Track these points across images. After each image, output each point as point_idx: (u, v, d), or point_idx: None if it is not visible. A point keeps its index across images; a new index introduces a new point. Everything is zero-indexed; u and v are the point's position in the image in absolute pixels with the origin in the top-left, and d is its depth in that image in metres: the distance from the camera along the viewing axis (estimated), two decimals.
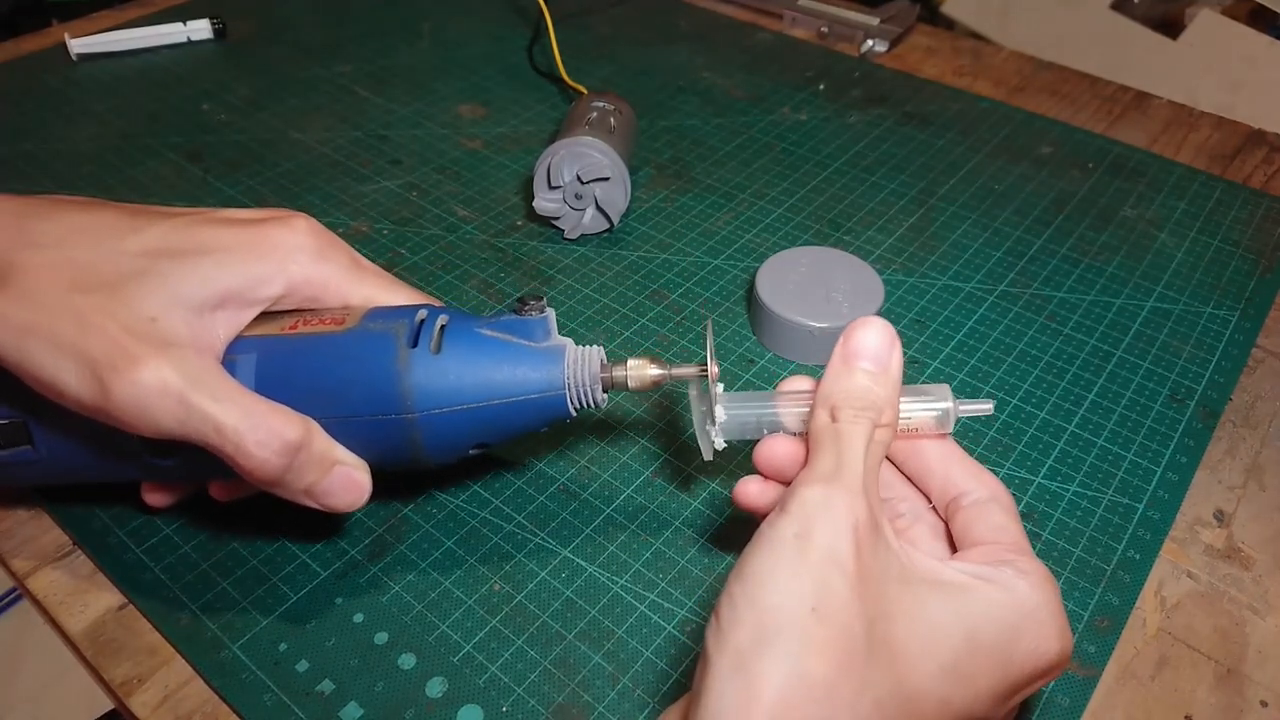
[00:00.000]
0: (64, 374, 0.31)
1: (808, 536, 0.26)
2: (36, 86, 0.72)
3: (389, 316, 0.36)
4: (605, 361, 0.37)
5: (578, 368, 0.36)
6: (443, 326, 0.36)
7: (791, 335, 0.49)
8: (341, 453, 0.35)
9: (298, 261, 0.35)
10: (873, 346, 0.30)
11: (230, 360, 0.34)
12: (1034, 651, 0.28)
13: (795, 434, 0.33)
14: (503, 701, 0.35)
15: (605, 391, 0.37)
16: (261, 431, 0.32)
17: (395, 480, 0.43)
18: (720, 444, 0.34)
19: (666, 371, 0.37)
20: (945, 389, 0.33)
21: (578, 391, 0.36)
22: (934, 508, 0.34)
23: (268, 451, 0.32)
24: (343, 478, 0.34)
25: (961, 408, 0.33)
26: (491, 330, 0.36)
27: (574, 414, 0.36)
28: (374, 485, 0.35)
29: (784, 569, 0.26)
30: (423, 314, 0.36)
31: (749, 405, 0.34)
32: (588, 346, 0.37)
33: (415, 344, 0.35)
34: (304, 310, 0.36)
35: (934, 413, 0.32)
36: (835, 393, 0.30)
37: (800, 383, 0.34)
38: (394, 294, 0.38)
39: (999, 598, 0.28)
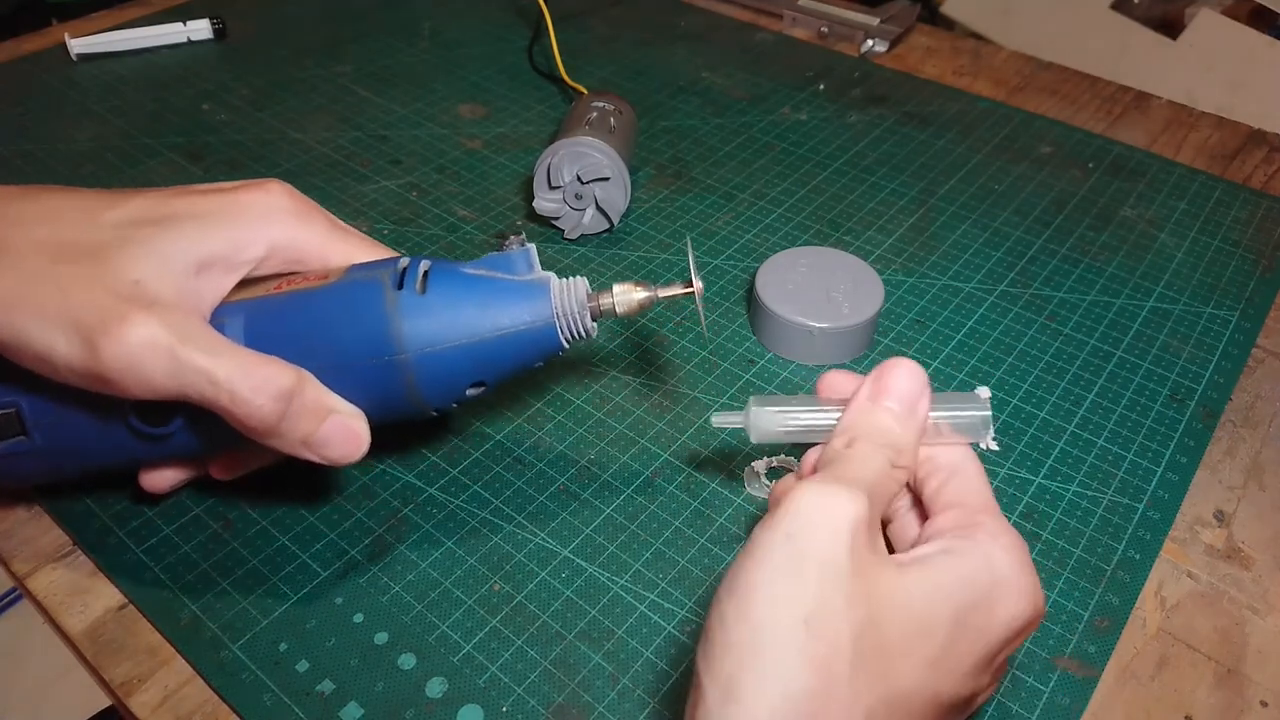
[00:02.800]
0: (53, 341, 0.31)
1: (802, 540, 0.26)
2: (36, 86, 0.72)
3: (372, 267, 0.36)
4: (590, 290, 0.37)
5: (564, 297, 0.36)
6: (426, 271, 0.36)
7: (791, 335, 0.49)
8: (336, 401, 0.35)
9: (279, 222, 0.36)
10: (902, 388, 0.31)
11: (219, 323, 0.34)
12: (1011, 619, 0.28)
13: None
14: (503, 701, 0.35)
15: (594, 320, 0.37)
16: (255, 379, 0.32)
17: (396, 480, 0.43)
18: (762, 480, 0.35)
19: (652, 293, 0.37)
20: (980, 397, 0.33)
21: (567, 321, 0.36)
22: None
23: (262, 397, 0.32)
24: (339, 426, 0.34)
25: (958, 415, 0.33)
26: (475, 269, 0.36)
27: (566, 346, 0.37)
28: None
29: (776, 577, 0.25)
30: (405, 261, 0.36)
31: (783, 413, 0.34)
32: (572, 277, 0.37)
33: (401, 287, 0.35)
34: (286, 274, 0.37)
35: (967, 419, 0.32)
36: (856, 425, 0.30)
37: (843, 382, 0.34)
38: (373, 254, 0.38)
39: (980, 578, 0.28)
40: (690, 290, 0.36)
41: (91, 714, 1.04)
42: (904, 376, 0.31)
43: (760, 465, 0.37)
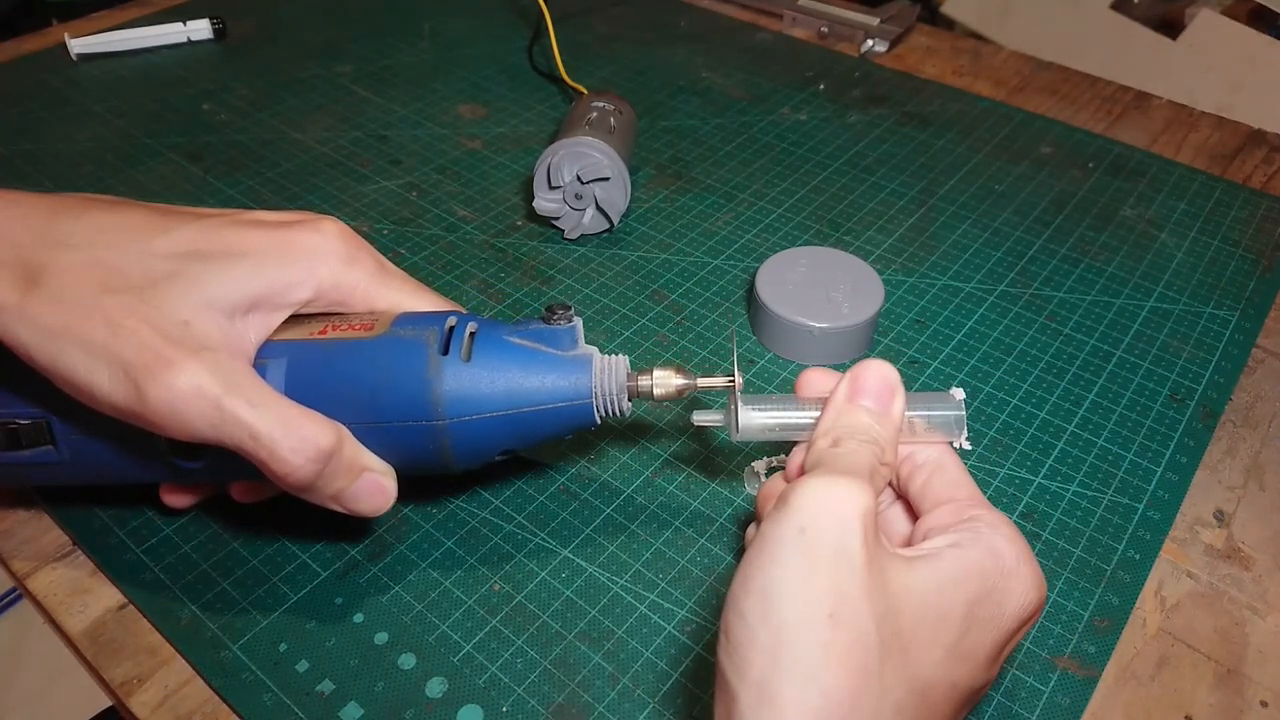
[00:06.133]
0: (97, 377, 0.30)
1: (814, 533, 0.26)
2: (36, 86, 0.72)
3: (418, 323, 0.36)
4: (631, 371, 0.37)
5: (604, 377, 0.36)
6: (472, 334, 0.36)
7: (791, 335, 0.49)
8: (370, 459, 0.35)
9: (327, 266, 0.35)
10: (876, 388, 0.31)
11: (260, 364, 0.34)
12: (1020, 608, 0.28)
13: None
14: (503, 701, 0.35)
15: (630, 400, 0.37)
16: (295, 438, 0.31)
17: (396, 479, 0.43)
18: (762, 478, 0.36)
19: (691, 382, 0.37)
20: (955, 397, 0.33)
21: (604, 400, 0.36)
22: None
23: (301, 458, 0.32)
24: (370, 484, 0.35)
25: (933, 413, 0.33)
26: (520, 338, 0.36)
27: (599, 422, 0.37)
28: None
29: (794, 574, 0.25)
30: (452, 321, 0.36)
31: (763, 411, 0.34)
32: (614, 356, 0.37)
33: (446, 351, 0.35)
34: (332, 314, 0.36)
35: (942, 417, 0.33)
36: (838, 425, 0.31)
37: (821, 380, 0.34)
38: (419, 299, 0.38)
39: (989, 569, 0.28)
40: (731, 383, 0.37)
41: (92, 714, 1.04)
42: (878, 377, 0.31)
43: (760, 465, 0.37)
